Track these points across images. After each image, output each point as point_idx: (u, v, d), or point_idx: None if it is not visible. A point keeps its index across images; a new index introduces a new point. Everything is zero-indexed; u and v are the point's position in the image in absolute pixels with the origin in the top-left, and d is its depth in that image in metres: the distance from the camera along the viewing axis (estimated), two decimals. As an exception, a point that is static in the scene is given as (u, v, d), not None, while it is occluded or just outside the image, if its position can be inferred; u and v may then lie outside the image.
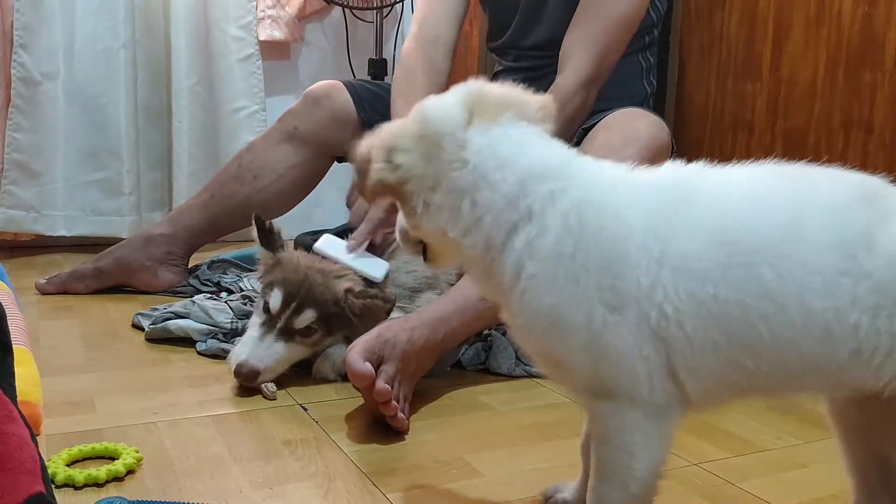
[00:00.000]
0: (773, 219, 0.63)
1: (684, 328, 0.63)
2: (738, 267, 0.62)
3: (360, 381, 1.05)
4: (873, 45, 1.42)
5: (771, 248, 0.62)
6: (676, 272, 0.63)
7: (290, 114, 1.81)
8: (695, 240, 0.63)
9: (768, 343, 0.62)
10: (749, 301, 0.61)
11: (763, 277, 0.61)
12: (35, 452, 0.71)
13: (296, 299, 1.23)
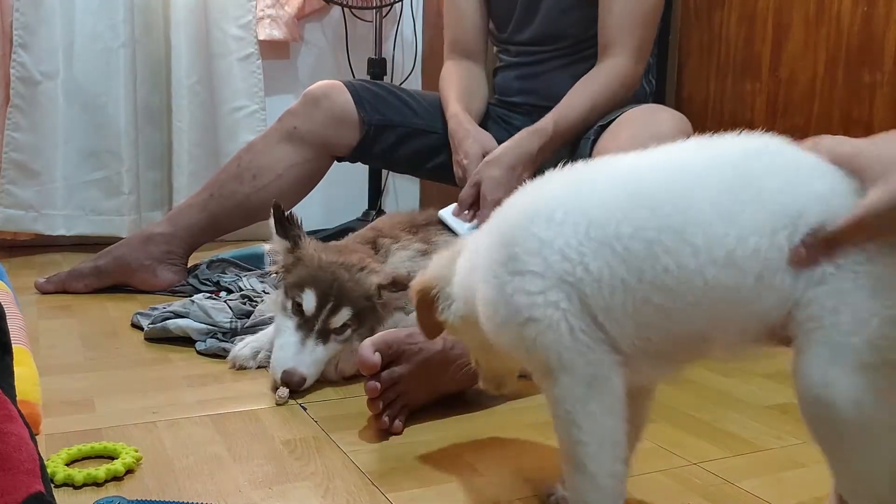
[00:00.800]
0: (677, 170, 0.68)
1: (590, 270, 0.66)
2: (640, 208, 0.66)
3: (363, 370, 1.05)
4: (873, 45, 1.41)
5: (673, 191, 0.66)
6: (577, 224, 0.68)
7: (290, 114, 1.81)
8: (597, 194, 0.69)
9: (675, 276, 0.64)
10: (651, 235, 0.64)
11: (665, 213, 0.65)
12: (34, 452, 0.71)
13: (331, 299, 1.22)
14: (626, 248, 0.65)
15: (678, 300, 0.65)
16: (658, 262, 0.64)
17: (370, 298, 1.25)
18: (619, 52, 1.58)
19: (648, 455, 1.00)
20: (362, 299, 1.24)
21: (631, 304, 0.66)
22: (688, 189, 0.66)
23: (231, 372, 1.30)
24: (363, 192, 2.65)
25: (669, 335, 0.68)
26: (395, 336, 1.08)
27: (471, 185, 1.52)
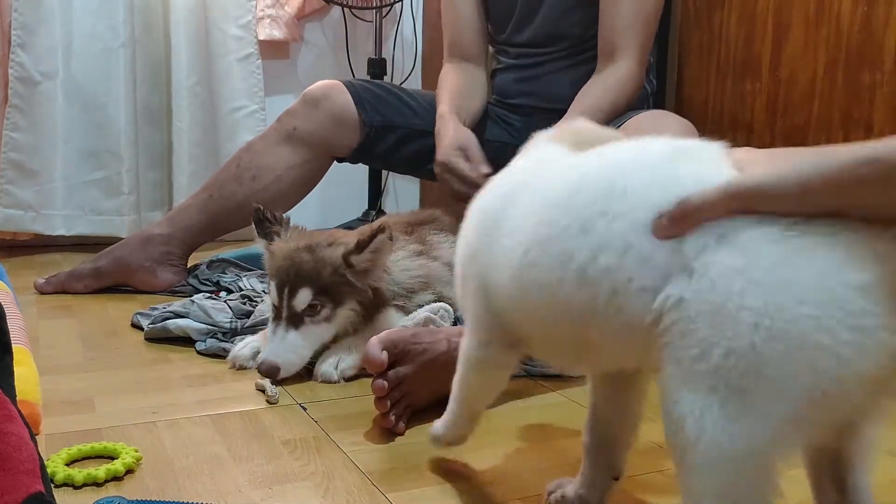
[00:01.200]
0: (570, 183, 0.68)
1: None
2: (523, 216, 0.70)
3: (370, 368, 1.05)
4: (873, 45, 1.41)
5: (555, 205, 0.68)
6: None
7: (289, 114, 1.81)
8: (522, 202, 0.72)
9: (543, 290, 0.67)
10: (532, 244, 0.68)
11: (546, 229, 0.67)
12: (34, 452, 0.71)
13: (287, 283, 1.24)
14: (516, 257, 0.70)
15: (548, 307, 0.68)
16: (536, 273, 0.68)
17: (337, 271, 1.25)
18: (624, 56, 1.57)
19: (648, 455, 1.00)
20: (326, 275, 1.24)
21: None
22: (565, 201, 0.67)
23: (231, 372, 1.30)
24: (363, 192, 2.65)
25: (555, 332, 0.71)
26: (401, 335, 1.08)
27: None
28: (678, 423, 0.58)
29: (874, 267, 0.53)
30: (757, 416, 0.55)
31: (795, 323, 0.53)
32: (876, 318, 0.52)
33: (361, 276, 1.26)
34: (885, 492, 0.92)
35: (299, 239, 1.32)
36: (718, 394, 0.56)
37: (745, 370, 0.55)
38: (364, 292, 1.27)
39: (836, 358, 0.52)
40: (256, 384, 1.21)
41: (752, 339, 0.54)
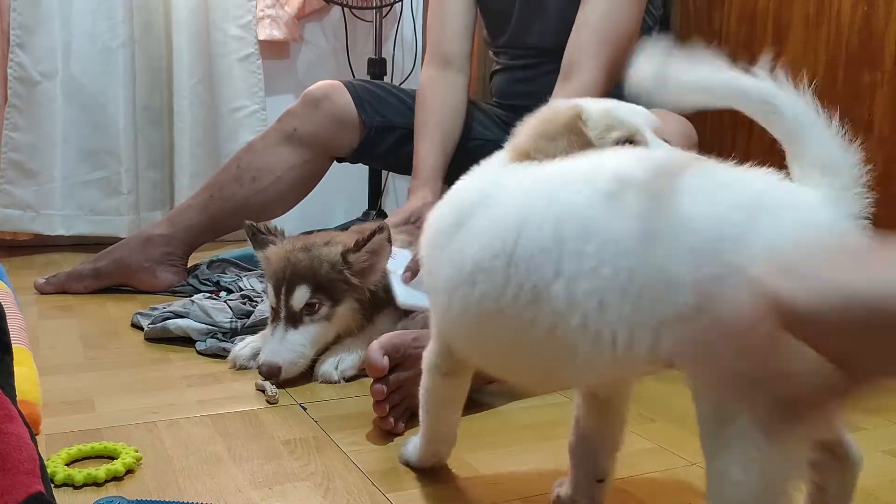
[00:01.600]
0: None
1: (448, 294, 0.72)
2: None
3: (371, 373, 1.05)
4: (873, 45, 1.42)
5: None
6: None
7: (289, 114, 1.81)
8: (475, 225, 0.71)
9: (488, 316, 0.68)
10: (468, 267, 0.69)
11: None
12: (34, 452, 0.71)
13: (283, 283, 1.24)
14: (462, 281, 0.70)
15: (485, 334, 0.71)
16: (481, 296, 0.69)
17: (335, 268, 1.24)
18: (582, 71, 1.51)
19: (648, 455, 1.00)
20: (323, 273, 1.24)
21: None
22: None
23: (231, 372, 1.30)
24: (363, 192, 2.65)
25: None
26: (402, 339, 1.08)
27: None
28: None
29: (857, 230, 0.59)
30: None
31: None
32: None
33: (359, 276, 1.26)
34: (886, 492, 0.92)
35: (295, 242, 1.32)
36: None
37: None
38: (362, 291, 1.27)
39: None
40: (256, 384, 1.21)
41: None
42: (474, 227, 0.70)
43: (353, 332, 1.30)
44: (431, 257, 0.77)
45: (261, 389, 1.20)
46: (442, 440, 0.91)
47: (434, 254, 0.76)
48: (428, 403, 0.87)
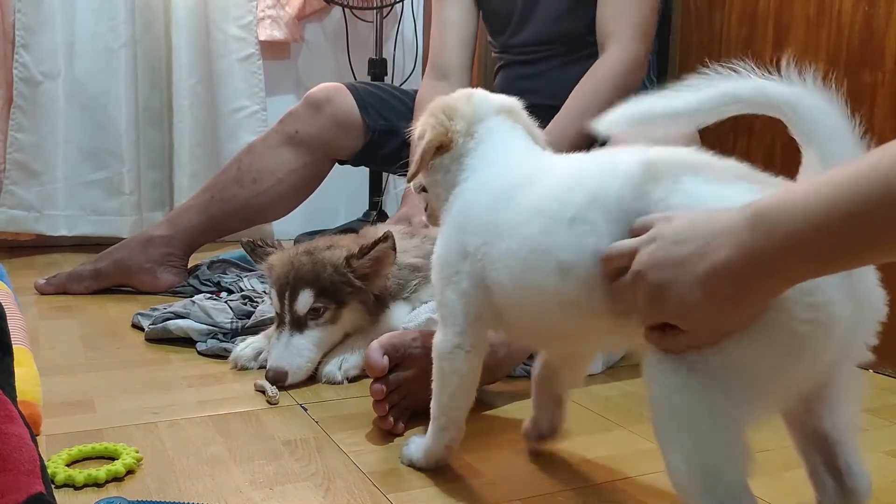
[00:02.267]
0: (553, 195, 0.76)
1: (492, 272, 0.80)
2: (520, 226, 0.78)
3: (371, 373, 1.05)
4: (873, 45, 1.41)
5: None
6: (494, 234, 0.80)
7: (291, 116, 1.81)
8: (510, 215, 0.79)
9: (528, 283, 0.76)
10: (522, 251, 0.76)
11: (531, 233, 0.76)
12: (35, 452, 0.71)
13: (287, 288, 1.24)
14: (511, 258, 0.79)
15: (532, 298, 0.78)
16: (526, 273, 0.78)
17: (338, 270, 1.24)
18: (614, 42, 1.54)
19: (648, 455, 1.00)
20: (326, 276, 1.24)
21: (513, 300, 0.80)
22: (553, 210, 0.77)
23: (232, 372, 1.30)
24: (363, 192, 2.65)
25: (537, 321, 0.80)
26: (402, 339, 1.08)
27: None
28: (655, 401, 0.65)
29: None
30: (720, 386, 0.62)
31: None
32: (825, 294, 0.58)
33: (363, 280, 1.26)
34: (886, 492, 0.92)
35: (297, 247, 1.32)
36: (682, 371, 0.63)
37: (703, 352, 0.62)
38: (366, 293, 1.26)
39: (792, 333, 0.59)
40: (256, 384, 1.21)
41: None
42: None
43: (362, 330, 1.30)
44: (494, 210, 0.82)
45: (260, 390, 1.20)
46: (456, 425, 0.92)
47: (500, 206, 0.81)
48: (446, 388, 0.89)
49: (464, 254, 0.84)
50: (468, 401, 0.91)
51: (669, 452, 0.64)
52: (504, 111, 0.92)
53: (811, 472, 0.72)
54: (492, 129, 0.90)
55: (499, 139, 0.89)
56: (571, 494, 0.90)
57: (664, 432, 0.65)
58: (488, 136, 0.89)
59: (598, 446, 1.04)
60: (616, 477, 0.94)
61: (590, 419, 1.13)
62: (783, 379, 0.61)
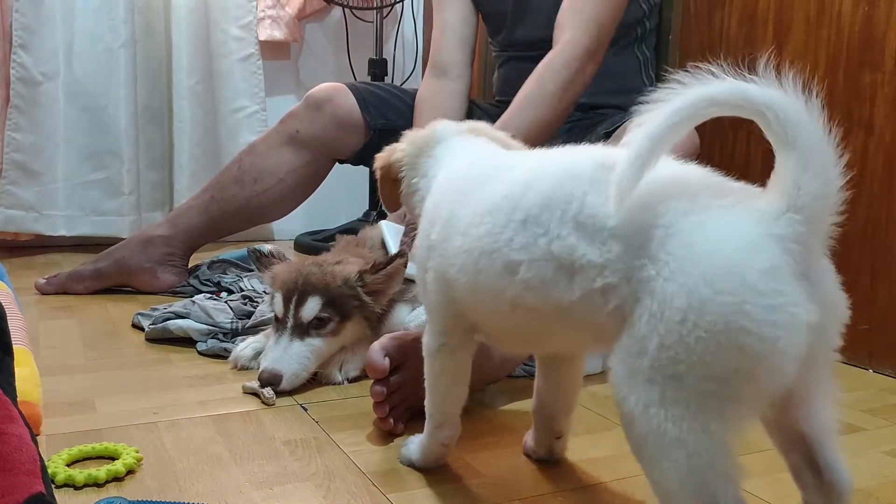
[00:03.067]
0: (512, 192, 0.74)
1: (449, 269, 0.80)
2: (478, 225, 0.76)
3: (372, 375, 1.05)
4: (873, 45, 1.41)
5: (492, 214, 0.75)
6: (452, 229, 0.80)
7: (292, 116, 1.81)
8: (466, 210, 0.79)
9: (483, 283, 0.75)
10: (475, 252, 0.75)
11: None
12: (35, 452, 0.71)
13: (295, 293, 1.23)
14: (468, 258, 0.78)
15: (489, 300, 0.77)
16: (481, 271, 0.77)
17: (348, 284, 1.24)
18: (565, 32, 1.52)
19: (649, 455, 1.00)
20: (336, 287, 1.23)
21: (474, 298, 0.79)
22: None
23: (232, 372, 1.30)
24: (364, 192, 2.65)
25: (504, 322, 0.78)
26: (403, 341, 1.08)
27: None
28: (629, 418, 0.63)
29: (778, 251, 0.58)
30: (693, 397, 0.59)
31: (717, 312, 0.57)
32: (786, 297, 0.57)
33: (371, 296, 1.26)
34: (886, 492, 0.92)
35: (305, 259, 1.33)
36: (657, 384, 0.60)
37: (675, 359, 0.59)
38: (371, 310, 1.26)
39: (758, 337, 0.57)
40: (244, 387, 1.20)
41: (680, 332, 0.58)
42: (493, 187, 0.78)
43: (365, 339, 1.29)
44: (450, 207, 0.82)
45: (250, 393, 1.19)
46: (451, 423, 0.92)
47: (455, 204, 0.82)
48: (437, 387, 0.90)
49: (430, 248, 0.85)
50: (461, 397, 0.91)
51: (657, 476, 0.62)
52: (468, 131, 0.94)
53: (792, 469, 0.72)
54: (454, 143, 0.92)
55: (460, 147, 0.92)
56: (571, 494, 0.90)
57: (647, 453, 0.62)
58: (448, 151, 0.91)
59: (598, 446, 1.04)
60: (616, 477, 0.94)
61: (590, 419, 1.13)
62: (758, 384, 0.60)
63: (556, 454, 0.99)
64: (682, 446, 0.60)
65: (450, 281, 0.81)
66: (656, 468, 0.62)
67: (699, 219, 0.61)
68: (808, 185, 0.58)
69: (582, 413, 1.15)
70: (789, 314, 0.57)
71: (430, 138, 0.94)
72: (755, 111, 0.60)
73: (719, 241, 0.59)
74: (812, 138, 0.59)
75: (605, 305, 0.64)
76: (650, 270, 0.61)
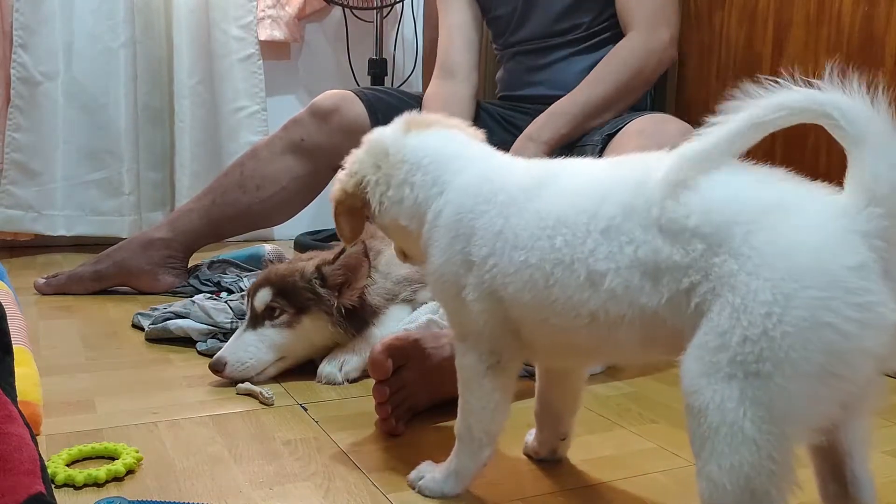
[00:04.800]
0: (577, 204, 0.73)
1: (507, 287, 0.77)
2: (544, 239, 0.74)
3: (375, 375, 1.05)
4: (873, 45, 1.41)
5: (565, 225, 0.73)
6: (507, 243, 0.77)
7: (296, 123, 1.80)
8: (522, 222, 0.76)
9: (556, 296, 0.73)
10: (546, 266, 0.73)
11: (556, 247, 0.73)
12: (35, 452, 0.71)
13: (253, 287, 1.26)
14: (531, 274, 0.76)
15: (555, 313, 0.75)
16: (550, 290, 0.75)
17: (304, 277, 1.24)
18: (630, 28, 1.58)
19: (649, 455, 1.00)
20: (290, 280, 1.24)
21: (532, 316, 0.78)
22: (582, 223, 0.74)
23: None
24: (364, 192, 2.65)
25: (562, 341, 0.78)
26: (405, 342, 1.08)
27: None
28: (700, 412, 0.62)
29: (864, 248, 0.58)
30: (777, 397, 0.59)
31: (803, 307, 0.57)
32: (874, 295, 0.57)
33: (334, 290, 1.24)
34: (886, 492, 0.92)
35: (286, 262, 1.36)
36: (738, 380, 0.60)
37: (760, 355, 0.58)
38: (330, 305, 1.24)
39: (843, 335, 0.57)
40: (239, 388, 1.20)
41: (765, 325, 0.58)
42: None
43: (343, 343, 1.28)
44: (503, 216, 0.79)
45: (245, 394, 1.19)
46: (493, 442, 0.88)
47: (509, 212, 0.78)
48: (487, 406, 0.85)
49: (466, 264, 0.80)
50: (507, 414, 0.87)
51: (714, 470, 0.61)
52: (410, 126, 0.90)
53: (818, 476, 0.71)
54: (418, 142, 0.88)
55: (435, 143, 0.88)
56: (572, 494, 0.90)
57: (713, 445, 0.61)
58: (421, 153, 0.86)
59: (598, 446, 1.04)
60: (616, 477, 0.94)
61: (590, 419, 1.13)
62: (839, 384, 0.59)
63: (559, 455, 0.99)
64: (754, 447, 0.59)
65: (504, 299, 0.78)
66: (717, 462, 0.61)
67: (781, 214, 0.61)
68: (886, 175, 0.58)
69: (583, 413, 1.15)
70: (877, 313, 0.57)
71: (378, 147, 0.88)
72: (822, 113, 0.61)
73: (803, 236, 0.60)
74: (882, 130, 0.59)
75: (689, 305, 0.64)
76: (732, 265, 0.61)
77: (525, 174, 0.81)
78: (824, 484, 0.71)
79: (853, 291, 0.57)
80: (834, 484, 0.70)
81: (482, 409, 0.85)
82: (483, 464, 0.88)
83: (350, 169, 0.89)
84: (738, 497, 0.60)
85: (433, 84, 1.78)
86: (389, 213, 0.87)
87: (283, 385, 1.24)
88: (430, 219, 0.84)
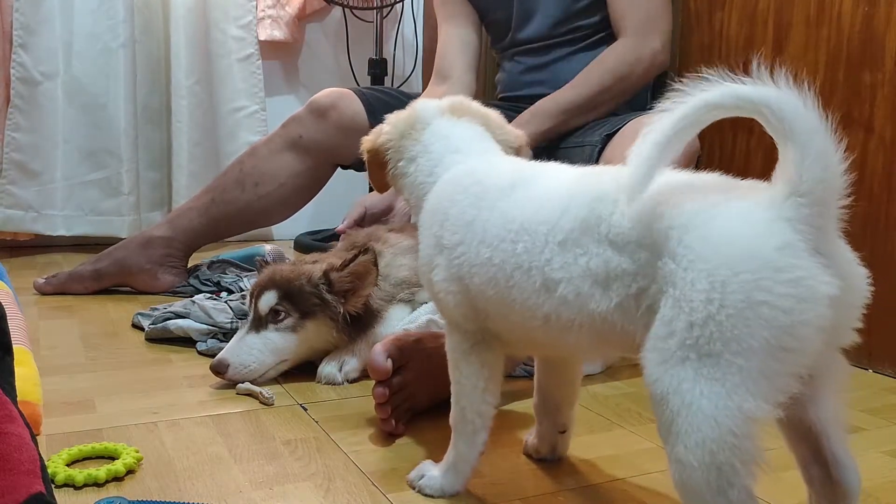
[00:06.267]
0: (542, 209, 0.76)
1: (473, 278, 0.80)
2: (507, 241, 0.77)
3: (375, 376, 1.04)
4: (873, 45, 1.41)
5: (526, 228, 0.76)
6: (475, 236, 0.80)
7: (295, 121, 1.80)
8: (492, 218, 0.80)
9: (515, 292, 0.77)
10: (507, 268, 0.77)
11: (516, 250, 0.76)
12: (35, 452, 0.71)
13: (257, 288, 1.25)
14: (493, 271, 0.79)
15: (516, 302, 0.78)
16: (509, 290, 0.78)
17: (311, 281, 1.23)
18: (621, 34, 1.60)
19: (649, 455, 1.00)
20: (296, 283, 1.23)
21: (494, 307, 0.81)
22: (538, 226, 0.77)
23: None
24: (364, 192, 2.65)
25: (524, 332, 0.80)
26: (405, 342, 1.08)
27: None
28: (662, 398, 0.64)
29: (789, 230, 0.61)
30: (728, 374, 0.61)
31: (739, 290, 0.61)
32: (802, 270, 0.60)
33: (340, 296, 1.24)
34: (886, 492, 0.92)
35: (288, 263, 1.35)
36: (691, 362, 0.62)
37: (711, 337, 0.61)
38: (336, 310, 1.23)
39: (782, 310, 0.60)
40: (239, 389, 1.20)
41: (709, 310, 0.61)
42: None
43: (343, 347, 1.28)
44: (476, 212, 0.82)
45: (246, 394, 1.19)
46: (487, 424, 0.89)
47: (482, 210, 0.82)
48: (477, 384, 0.87)
49: (439, 247, 0.84)
50: (497, 394, 0.89)
51: (680, 449, 0.64)
52: (449, 110, 0.94)
53: (801, 463, 0.73)
54: (441, 128, 0.92)
55: (450, 133, 0.92)
56: (571, 494, 0.90)
57: (677, 427, 0.64)
58: (437, 137, 0.91)
59: (598, 446, 1.04)
60: (616, 477, 0.94)
61: (590, 419, 1.13)
62: (787, 357, 0.61)
63: (559, 451, 0.99)
64: (714, 423, 0.61)
65: (470, 288, 0.81)
66: (683, 442, 0.63)
67: (711, 213, 0.64)
68: (809, 172, 0.61)
69: (582, 413, 1.15)
70: (808, 286, 0.60)
71: (413, 119, 0.93)
72: (753, 109, 0.63)
73: (732, 229, 0.63)
74: (808, 127, 0.61)
75: (639, 308, 0.68)
76: (671, 265, 0.64)
77: (507, 173, 0.84)
78: (806, 468, 0.72)
79: (781, 269, 0.60)
80: (816, 467, 0.71)
81: (473, 388, 0.87)
82: (479, 451, 0.89)
83: (385, 126, 0.94)
84: (705, 474, 0.62)
85: (429, 88, 1.79)
86: (397, 179, 0.93)
87: (283, 385, 1.24)
88: (424, 205, 0.89)
